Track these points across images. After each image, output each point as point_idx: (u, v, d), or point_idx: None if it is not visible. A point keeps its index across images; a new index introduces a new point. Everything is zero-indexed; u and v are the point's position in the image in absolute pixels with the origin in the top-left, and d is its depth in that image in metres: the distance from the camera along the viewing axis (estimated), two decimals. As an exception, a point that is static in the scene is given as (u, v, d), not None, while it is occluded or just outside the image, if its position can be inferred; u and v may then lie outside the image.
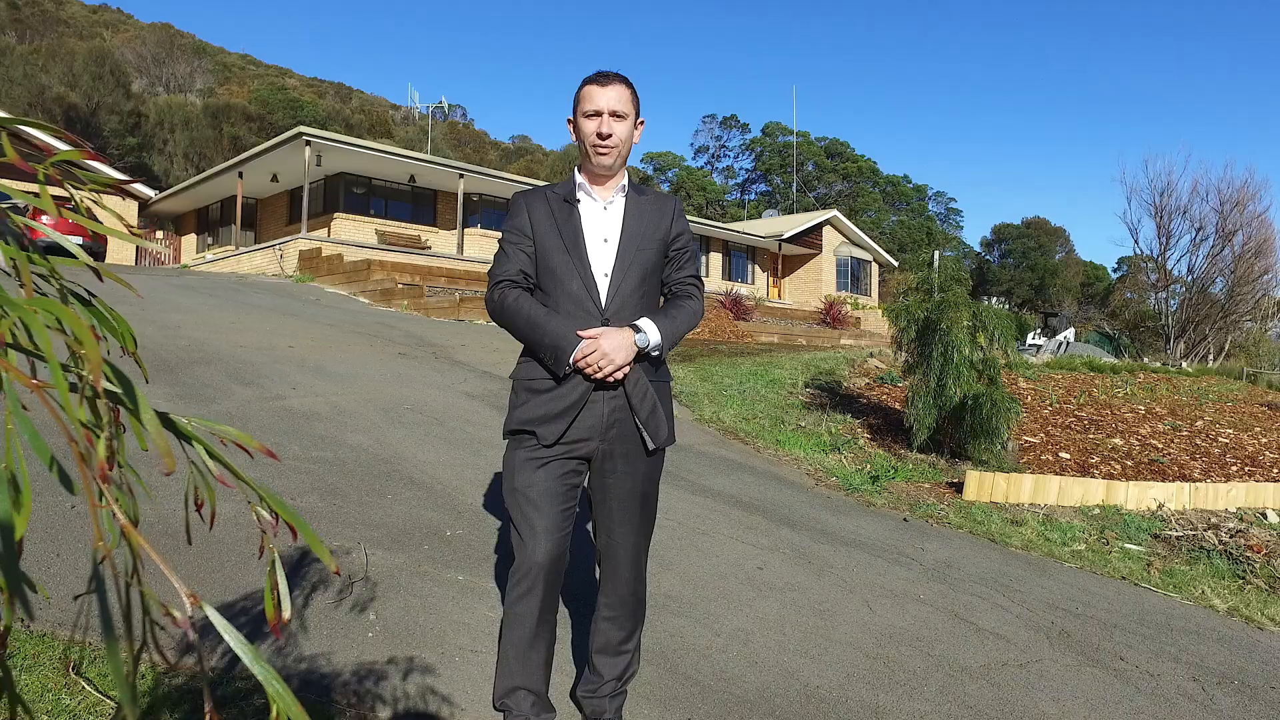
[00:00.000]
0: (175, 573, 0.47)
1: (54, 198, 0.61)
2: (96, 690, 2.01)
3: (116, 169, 25.77)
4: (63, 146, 0.70)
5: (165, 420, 0.60)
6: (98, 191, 0.69)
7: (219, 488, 0.65)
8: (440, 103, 39.57)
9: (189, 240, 25.53)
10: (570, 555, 2.11)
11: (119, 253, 21.30)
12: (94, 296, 0.67)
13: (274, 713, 0.49)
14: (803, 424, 7.00)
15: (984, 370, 6.26)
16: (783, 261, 30.72)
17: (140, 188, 22.99)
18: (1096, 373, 11.74)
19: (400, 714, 2.18)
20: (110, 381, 0.53)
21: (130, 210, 22.24)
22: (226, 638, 0.49)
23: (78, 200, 0.68)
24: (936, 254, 29.98)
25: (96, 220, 0.65)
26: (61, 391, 0.46)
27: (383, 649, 2.49)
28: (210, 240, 24.52)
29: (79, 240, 14.61)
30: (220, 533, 3.05)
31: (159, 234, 25.27)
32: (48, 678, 2.03)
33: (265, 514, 0.67)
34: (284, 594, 0.66)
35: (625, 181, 2.16)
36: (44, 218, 10.14)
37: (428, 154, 23.35)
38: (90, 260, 0.65)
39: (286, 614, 0.66)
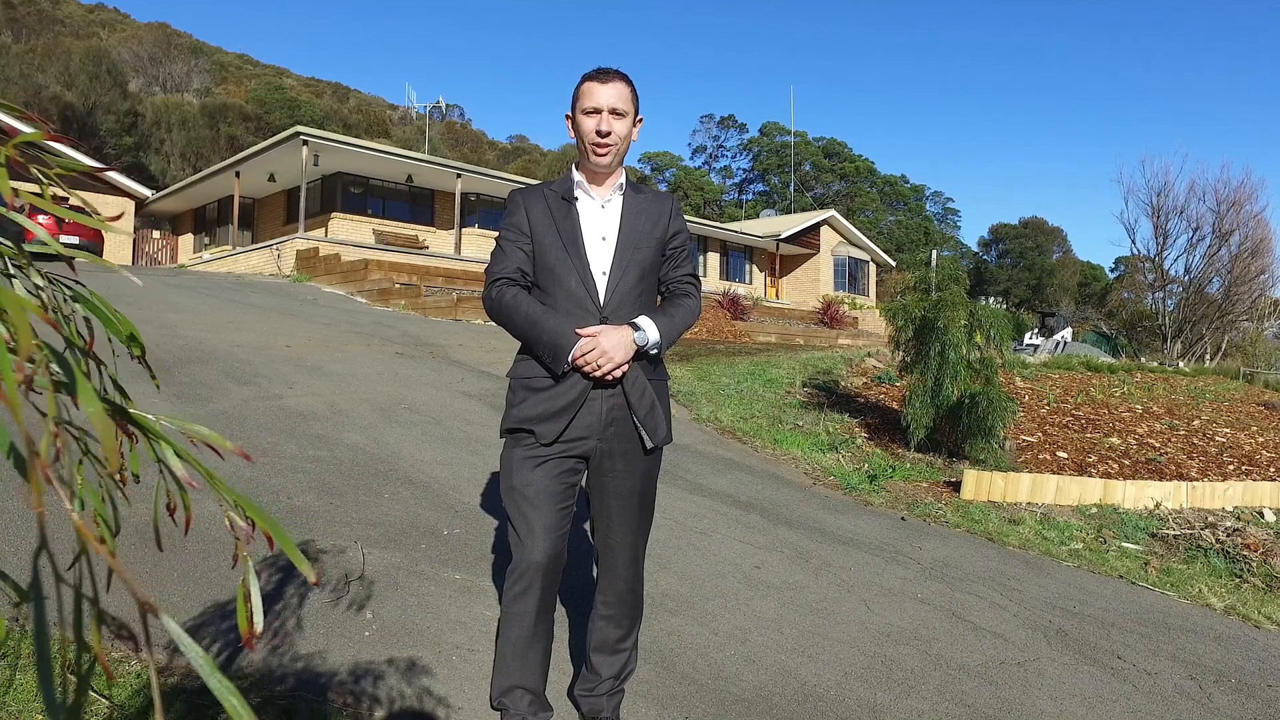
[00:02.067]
0: (134, 578, 0.46)
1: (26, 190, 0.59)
2: (93, 690, 2.00)
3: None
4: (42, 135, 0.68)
5: (122, 414, 0.58)
6: (70, 173, 0.67)
7: (208, 487, 0.64)
8: (438, 102, 39.43)
9: (186, 240, 25.47)
10: (568, 554, 2.10)
11: (116, 254, 21.26)
12: (95, 294, 0.66)
13: None
14: (800, 423, 7.00)
15: (981, 369, 6.26)
16: (780, 261, 30.72)
17: (120, 177, 22.66)
18: (1094, 372, 11.74)
19: (397, 713, 2.17)
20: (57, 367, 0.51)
21: (127, 209, 22.19)
22: (184, 650, 0.47)
23: (44, 188, 0.65)
24: (934, 254, 30.00)
25: (75, 210, 0.63)
26: (8, 380, 0.44)
27: (379, 648, 2.49)
28: (207, 240, 24.47)
29: (77, 240, 14.54)
30: (216, 530, 3.04)
31: (155, 233, 25.18)
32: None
33: (240, 520, 0.66)
34: (257, 606, 0.65)
35: (623, 180, 2.15)
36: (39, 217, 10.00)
37: (425, 154, 23.31)
38: (61, 248, 0.62)
39: (259, 627, 0.65)
